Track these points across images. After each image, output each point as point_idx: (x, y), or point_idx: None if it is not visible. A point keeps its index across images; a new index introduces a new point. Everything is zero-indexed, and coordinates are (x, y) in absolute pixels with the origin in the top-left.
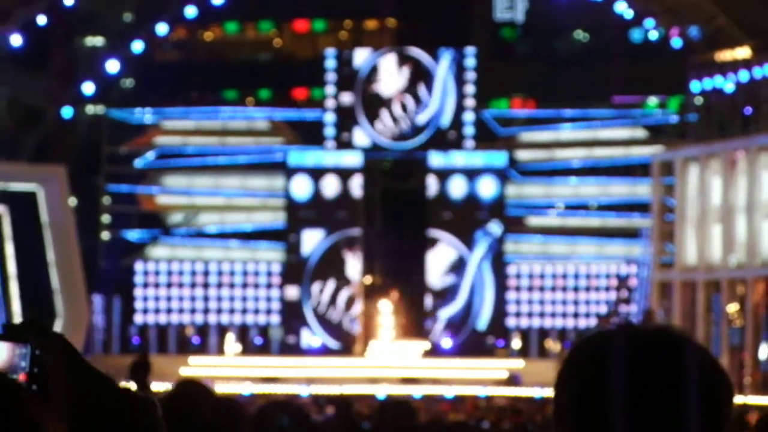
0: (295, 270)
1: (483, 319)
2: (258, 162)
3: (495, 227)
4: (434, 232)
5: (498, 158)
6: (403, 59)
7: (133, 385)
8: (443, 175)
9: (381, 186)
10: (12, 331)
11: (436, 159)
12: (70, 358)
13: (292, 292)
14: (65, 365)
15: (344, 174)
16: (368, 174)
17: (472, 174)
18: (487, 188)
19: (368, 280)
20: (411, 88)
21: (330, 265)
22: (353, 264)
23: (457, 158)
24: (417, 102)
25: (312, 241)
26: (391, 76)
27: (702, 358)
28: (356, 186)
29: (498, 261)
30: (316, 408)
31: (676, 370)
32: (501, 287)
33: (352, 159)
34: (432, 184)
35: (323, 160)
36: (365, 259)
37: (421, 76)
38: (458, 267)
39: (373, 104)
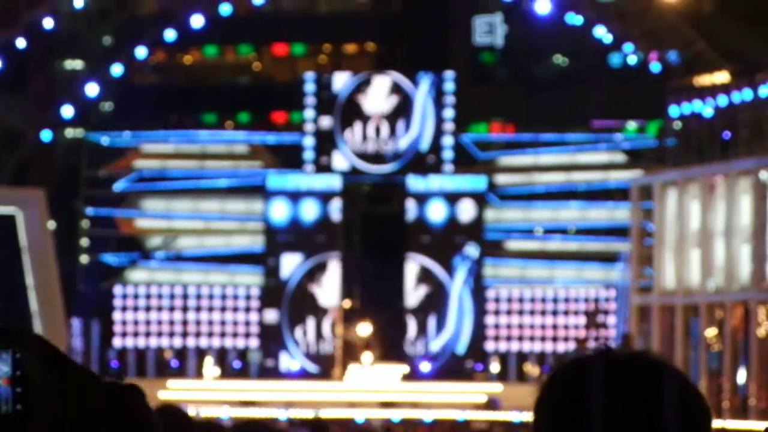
0: (274, 294)
1: (462, 343)
2: (237, 186)
3: (472, 249)
4: (413, 256)
5: (477, 182)
6: (386, 84)
7: None
8: (422, 199)
9: (360, 210)
10: None
11: (415, 183)
12: (52, 358)
13: (271, 315)
14: (47, 366)
15: (323, 198)
16: (347, 198)
17: (451, 198)
18: (466, 212)
19: (347, 304)
20: (391, 115)
21: (308, 292)
22: (331, 288)
23: (436, 182)
24: (394, 129)
25: (291, 264)
26: (377, 98)
27: (680, 384)
28: (335, 210)
29: (477, 285)
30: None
31: (654, 395)
32: (480, 311)
33: (331, 182)
34: (411, 208)
35: (302, 183)
36: (344, 283)
37: (401, 100)
38: (434, 288)
39: (352, 117)
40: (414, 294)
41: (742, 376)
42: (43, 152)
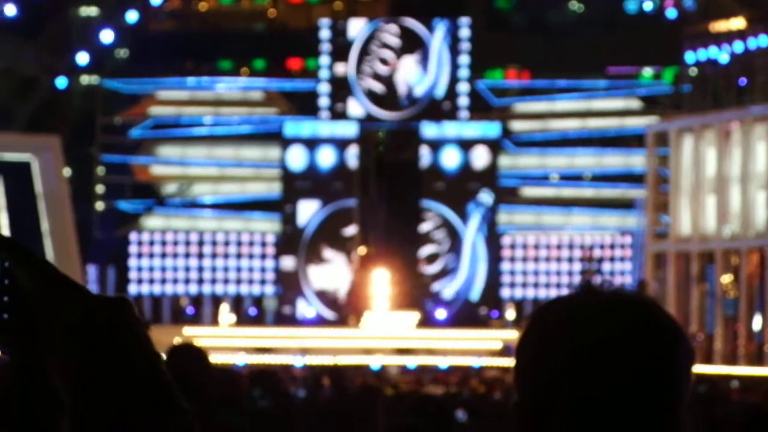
0: (291, 240)
1: (476, 290)
2: (252, 132)
3: (486, 196)
4: (428, 203)
5: (492, 129)
6: (401, 30)
7: None
8: (437, 145)
9: (375, 157)
10: None
11: (429, 130)
12: (42, 270)
13: (288, 262)
14: (37, 278)
15: (339, 144)
16: (363, 145)
17: (465, 145)
18: (480, 159)
19: (363, 250)
20: (406, 62)
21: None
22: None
23: (451, 129)
24: (412, 74)
25: (308, 211)
26: (392, 45)
27: (661, 321)
28: (351, 157)
29: (491, 232)
30: (311, 376)
31: (635, 334)
32: (494, 258)
33: (347, 129)
34: (425, 155)
35: (319, 130)
36: (360, 230)
37: (416, 47)
38: (448, 235)
39: (367, 63)
40: (428, 241)
41: (758, 322)
42: (59, 99)
